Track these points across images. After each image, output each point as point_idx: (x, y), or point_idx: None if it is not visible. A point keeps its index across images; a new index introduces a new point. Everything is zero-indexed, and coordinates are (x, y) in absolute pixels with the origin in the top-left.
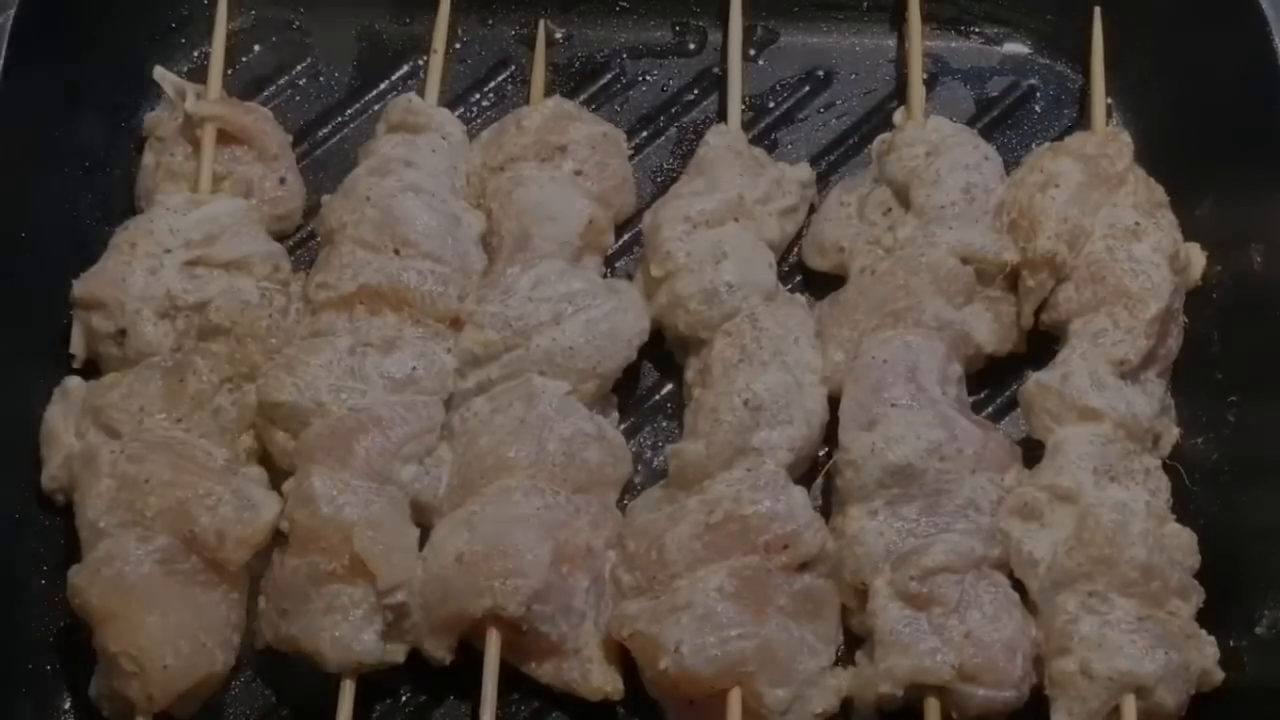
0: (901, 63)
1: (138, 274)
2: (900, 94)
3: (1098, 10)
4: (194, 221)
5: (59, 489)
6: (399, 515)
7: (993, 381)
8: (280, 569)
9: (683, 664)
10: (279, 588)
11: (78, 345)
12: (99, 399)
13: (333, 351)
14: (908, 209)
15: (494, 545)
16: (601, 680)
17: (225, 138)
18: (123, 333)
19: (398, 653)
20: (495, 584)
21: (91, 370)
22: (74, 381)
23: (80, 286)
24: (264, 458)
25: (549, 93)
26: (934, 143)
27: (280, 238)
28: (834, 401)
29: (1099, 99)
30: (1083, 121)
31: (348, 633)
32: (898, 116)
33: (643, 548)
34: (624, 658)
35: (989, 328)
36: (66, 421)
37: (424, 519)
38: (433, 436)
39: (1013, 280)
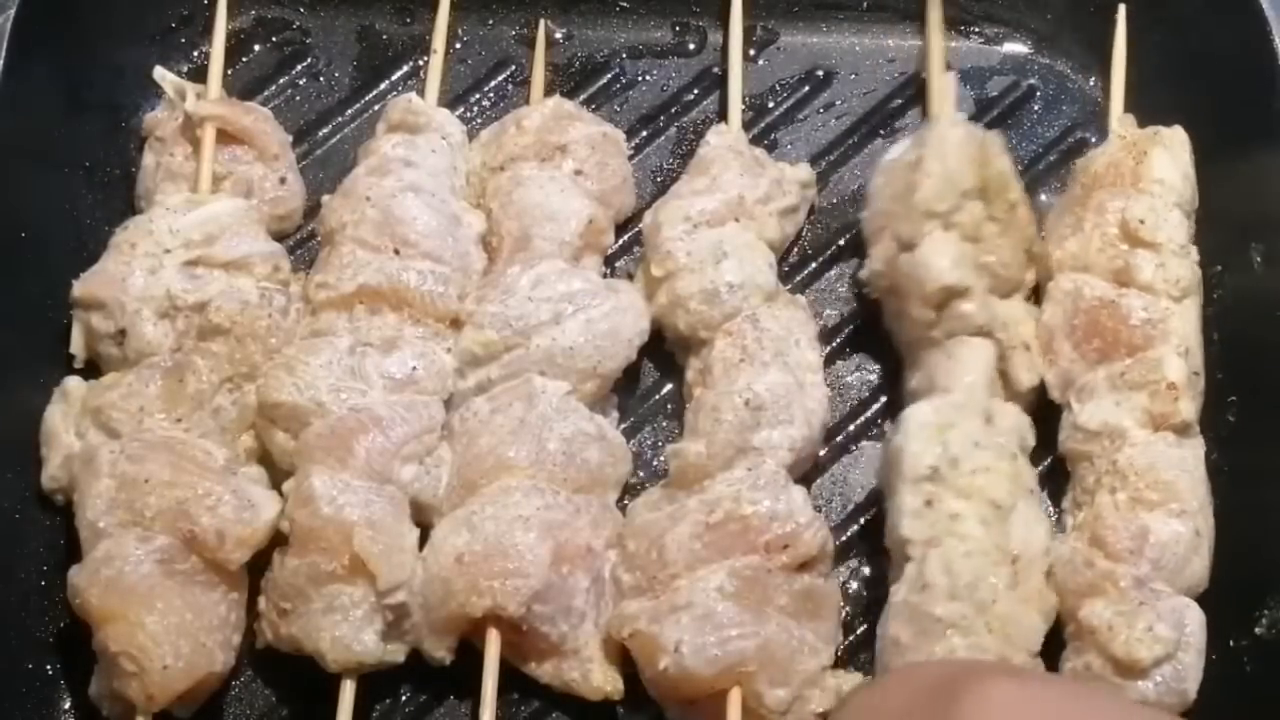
0: (915, 61)
1: (138, 274)
2: (901, 94)
3: (1122, 9)
4: (194, 221)
5: (59, 489)
6: (399, 515)
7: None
8: (280, 569)
9: (683, 664)
10: (279, 588)
11: (78, 345)
12: (99, 399)
13: (333, 351)
14: None
15: (494, 545)
16: (601, 680)
17: (225, 138)
18: (123, 333)
19: (398, 653)
20: (495, 584)
21: (91, 370)
22: (74, 381)
23: (80, 286)
24: (264, 458)
25: (549, 93)
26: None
27: (280, 238)
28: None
29: (1118, 99)
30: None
31: (348, 633)
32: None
33: (643, 548)
34: (624, 658)
35: None
36: (66, 421)
37: (424, 519)
38: (433, 436)
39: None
